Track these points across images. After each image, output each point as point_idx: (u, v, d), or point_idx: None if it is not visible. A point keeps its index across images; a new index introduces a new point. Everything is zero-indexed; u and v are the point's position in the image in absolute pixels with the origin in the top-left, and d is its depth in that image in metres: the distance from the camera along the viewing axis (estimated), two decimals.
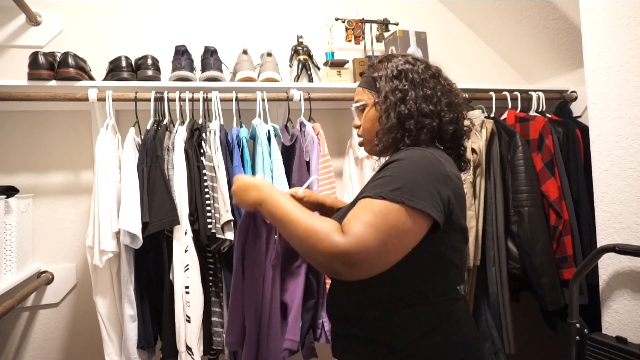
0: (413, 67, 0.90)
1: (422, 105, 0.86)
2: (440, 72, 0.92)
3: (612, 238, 1.19)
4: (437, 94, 0.87)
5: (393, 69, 0.90)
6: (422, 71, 0.89)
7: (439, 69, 0.93)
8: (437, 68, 0.93)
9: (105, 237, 1.22)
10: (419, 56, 0.96)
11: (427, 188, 0.75)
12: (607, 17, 1.20)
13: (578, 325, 1.21)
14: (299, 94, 1.58)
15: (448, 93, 0.89)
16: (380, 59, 0.96)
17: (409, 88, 0.87)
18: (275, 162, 1.38)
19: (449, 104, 0.88)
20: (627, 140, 1.16)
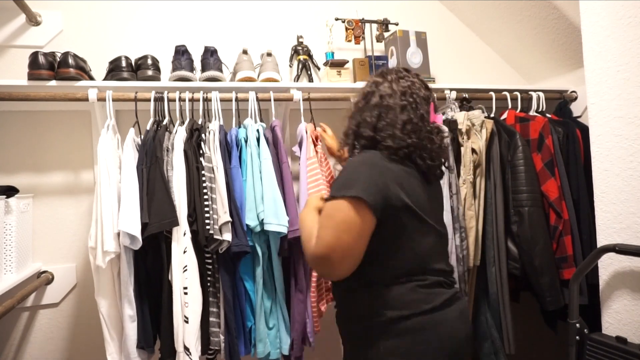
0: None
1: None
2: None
3: (612, 238, 1.19)
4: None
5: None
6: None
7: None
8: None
9: (108, 238, 1.22)
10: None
11: (363, 179, 0.90)
12: (607, 17, 1.20)
13: (578, 325, 1.21)
14: (299, 94, 1.59)
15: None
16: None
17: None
18: (264, 162, 1.38)
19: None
20: (627, 140, 1.16)
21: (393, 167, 0.95)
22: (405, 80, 1.04)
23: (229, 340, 1.34)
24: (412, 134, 0.99)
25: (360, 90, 1.10)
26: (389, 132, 0.99)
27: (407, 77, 1.06)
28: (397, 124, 0.99)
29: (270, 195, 1.34)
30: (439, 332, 0.93)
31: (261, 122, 1.52)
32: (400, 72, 1.07)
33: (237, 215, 1.32)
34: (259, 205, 1.34)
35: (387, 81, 1.05)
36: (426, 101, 1.04)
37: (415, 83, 1.05)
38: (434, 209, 1.03)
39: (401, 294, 0.93)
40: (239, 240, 1.30)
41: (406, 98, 1.02)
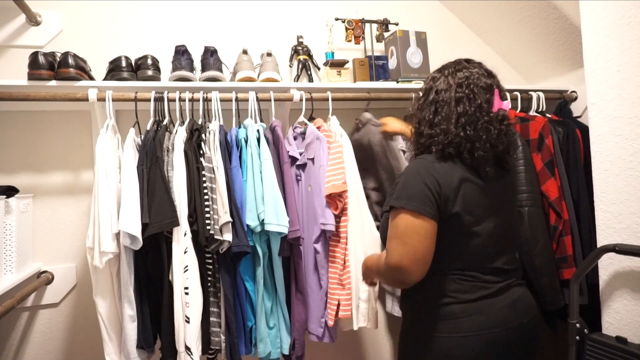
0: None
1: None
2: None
3: (612, 238, 1.19)
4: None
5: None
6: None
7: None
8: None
9: (105, 238, 1.22)
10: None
11: (418, 190, 0.97)
12: (607, 17, 1.20)
13: (578, 325, 1.21)
14: (299, 94, 1.59)
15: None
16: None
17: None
18: (264, 163, 1.38)
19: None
20: (627, 140, 1.16)
21: (443, 173, 0.99)
22: (463, 72, 1.05)
23: (230, 340, 1.34)
24: (467, 126, 1.00)
25: (422, 88, 1.14)
26: (444, 127, 1.02)
27: (466, 68, 1.06)
28: (452, 118, 1.01)
29: (270, 195, 1.34)
30: (478, 320, 0.98)
31: (261, 122, 1.52)
32: (459, 64, 1.08)
33: (237, 215, 1.32)
34: (259, 205, 1.34)
35: (444, 75, 1.07)
36: (487, 90, 1.03)
37: (474, 73, 1.04)
38: (492, 206, 1.03)
39: (447, 285, 1.01)
40: (239, 240, 1.30)
41: (462, 90, 1.02)
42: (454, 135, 1.01)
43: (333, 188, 1.38)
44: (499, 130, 1.02)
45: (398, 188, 1.01)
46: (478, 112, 1.01)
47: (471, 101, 1.01)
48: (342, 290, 1.43)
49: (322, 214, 1.41)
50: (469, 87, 1.02)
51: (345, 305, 1.42)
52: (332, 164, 1.43)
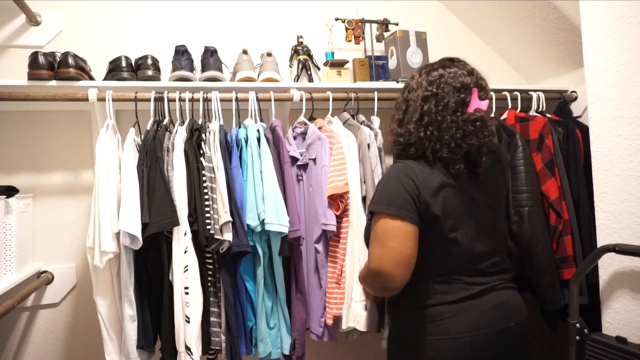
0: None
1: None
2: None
3: (612, 238, 1.19)
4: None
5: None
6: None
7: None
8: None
9: (105, 238, 1.22)
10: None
11: (396, 195, 0.96)
12: (607, 17, 1.20)
13: (578, 325, 1.21)
14: (299, 94, 1.59)
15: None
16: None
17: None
18: (264, 162, 1.38)
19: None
20: (627, 140, 1.16)
21: (422, 177, 0.98)
22: (438, 71, 1.03)
23: (230, 340, 1.34)
24: (429, 126, 0.99)
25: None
26: (409, 127, 1.02)
27: (446, 67, 1.04)
28: (414, 117, 1.01)
29: (270, 195, 1.34)
30: (462, 321, 0.97)
31: (261, 122, 1.52)
32: (441, 62, 1.06)
33: (237, 215, 1.32)
34: (259, 205, 1.34)
35: (420, 74, 1.06)
36: (462, 89, 1.00)
37: (451, 72, 1.01)
38: (473, 209, 1.02)
39: (430, 288, 1.01)
40: (239, 240, 1.30)
41: (431, 89, 1.01)
42: (414, 136, 1.00)
43: (335, 189, 1.38)
44: (465, 131, 0.98)
45: (377, 193, 1.01)
46: (444, 111, 0.99)
47: (438, 100, 1.00)
48: (338, 290, 1.43)
49: (324, 215, 1.41)
50: (439, 86, 1.00)
51: (339, 304, 1.42)
52: (334, 164, 1.43)
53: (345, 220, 1.44)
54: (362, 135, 1.52)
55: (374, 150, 1.53)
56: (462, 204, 1.00)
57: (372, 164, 1.50)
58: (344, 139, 1.51)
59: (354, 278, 1.42)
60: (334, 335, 1.45)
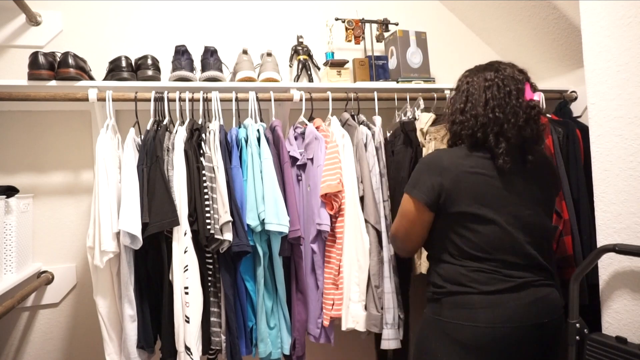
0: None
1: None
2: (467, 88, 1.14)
3: (612, 238, 1.19)
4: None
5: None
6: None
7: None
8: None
9: (105, 237, 1.22)
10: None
11: (422, 180, 1.08)
12: (607, 17, 1.20)
13: (578, 325, 1.21)
14: (299, 94, 1.59)
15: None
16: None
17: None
18: (264, 162, 1.38)
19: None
20: (627, 140, 1.16)
21: (453, 166, 1.06)
22: (492, 68, 1.12)
23: (230, 340, 1.34)
24: (496, 108, 1.06)
25: (454, 87, 1.21)
26: (474, 112, 1.08)
27: (497, 67, 1.12)
28: (481, 102, 1.08)
29: (270, 195, 1.34)
30: (494, 313, 1.00)
31: (261, 122, 1.52)
32: (491, 64, 1.14)
33: (237, 215, 1.32)
34: (259, 205, 1.34)
35: (474, 73, 1.15)
36: (517, 81, 1.09)
37: (504, 69, 1.11)
38: (510, 200, 1.05)
39: (461, 273, 1.06)
40: (239, 240, 1.30)
41: (492, 79, 1.09)
42: (482, 117, 1.06)
43: (328, 188, 1.38)
44: (527, 115, 1.05)
45: (411, 176, 1.14)
46: (507, 98, 1.06)
47: (500, 88, 1.07)
48: (336, 290, 1.43)
49: (318, 214, 1.41)
50: (499, 77, 1.09)
51: (338, 305, 1.42)
52: (328, 163, 1.43)
53: (340, 220, 1.44)
54: (358, 135, 1.52)
55: (371, 149, 1.52)
56: (496, 193, 1.05)
57: (370, 164, 1.50)
58: (339, 138, 1.51)
59: (352, 278, 1.41)
60: (331, 337, 1.45)
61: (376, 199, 1.47)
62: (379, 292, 1.43)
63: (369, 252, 1.42)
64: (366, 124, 1.61)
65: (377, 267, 1.43)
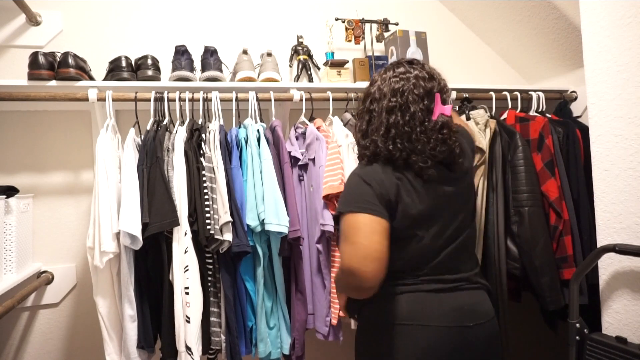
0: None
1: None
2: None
3: (612, 238, 1.19)
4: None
5: None
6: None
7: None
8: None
9: (105, 238, 1.22)
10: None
11: (359, 195, 0.97)
12: (607, 17, 1.20)
13: (578, 325, 1.21)
14: (299, 94, 1.59)
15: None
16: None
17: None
18: (264, 162, 1.38)
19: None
20: (627, 140, 1.16)
21: (385, 176, 0.98)
22: (399, 77, 1.01)
23: (230, 340, 1.34)
24: (397, 139, 0.98)
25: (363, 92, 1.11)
26: (374, 138, 1.01)
27: (406, 72, 1.01)
28: (381, 130, 1.00)
29: (270, 195, 1.34)
30: (422, 312, 0.98)
31: (261, 122, 1.52)
32: (400, 66, 1.04)
33: (237, 215, 1.32)
34: (259, 205, 1.34)
35: (381, 80, 1.04)
36: (426, 96, 0.99)
37: (412, 78, 1.00)
38: (436, 209, 1.01)
39: (394, 286, 1.01)
40: (239, 240, 1.30)
41: (396, 99, 0.99)
42: (382, 149, 0.99)
43: (330, 189, 1.38)
44: (435, 140, 0.98)
45: (341, 196, 1.03)
46: (412, 122, 0.97)
47: (404, 112, 0.98)
48: None
49: (322, 215, 1.41)
50: (403, 95, 0.98)
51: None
52: (329, 164, 1.43)
53: None
54: None
55: None
56: (423, 203, 0.99)
57: None
58: (343, 138, 1.51)
59: None
60: (339, 335, 1.46)
61: None
62: None
63: None
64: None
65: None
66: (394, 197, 0.97)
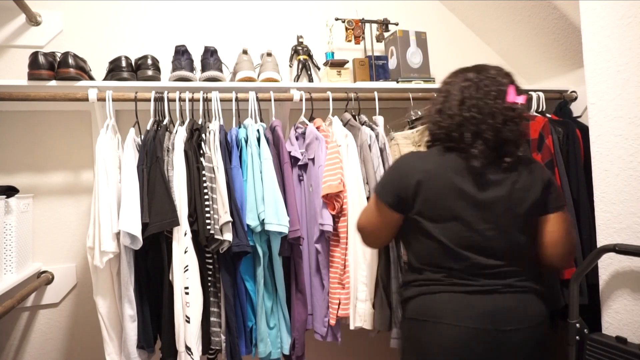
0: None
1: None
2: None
3: (612, 238, 1.19)
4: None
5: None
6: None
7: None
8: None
9: (105, 238, 1.22)
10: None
11: (389, 182, 1.11)
12: (607, 17, 1.20)
13: (578, 325, 1.21)
14: (299, 94, 1.58)
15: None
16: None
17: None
18: (264, 162, 1.38)
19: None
20: (627, 140, 1.16)
21: (423, 168, 1.05)
22: (475, 69, 1.08)
23: (230, 340, 1.34)
24: (472, 108, 1.02)
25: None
26: (450, 112, 1.06)
27: (480, 69, 1.08)
28: (456, 101, 1.05)
29: (270, 195, 1.34)
30: (454, 313, 1.01)
31: (261, 122, 1.52)
32: (475, 66, 1.10)
33: (237, 215, 1.32)
34: (259, 205, 1.34)
35: (454, 75, 1.12)
36: (499, 83, 1.04)
37: (490, 71, 1.07)
38: (479, 206, 1.01)
39: (416, 278, 1.09)
40: (239, 240, 1.30)
41: (471, 80, 1.06)
42: (458, 116, 1.03)
43: (329, 188, 1.38)
44: (505, 117, 1.01)
45: (382, 176, 1.18)
46: (485, 98, 1.02)
47: (479, 88, 1.04)
48: (342, 290, 1.43)
49: (320, 215, 1.41)
50: (480, 77, 1.05)
51: (345, 304, 1.42)
52: (328, 164, 1.43)
53: (342, 220, 1.44)
54: (362, 137, 1.52)
55: (375, 151, 1.52)
56: (459, 197, 1.01)
57: (374, 165, 1.50)
58: (342, 138, 1.51)
59: (359, 278, 1.42)
60: (338, 336, 1.46)
61: None
62: (387, 291, 1.43)
63: (377, 251, 1.43)
64: (369, 124, 1.61)
65: (385, 267, 1.44)
66: (413, 189, 1.04)
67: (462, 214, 1.01)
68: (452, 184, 1.02)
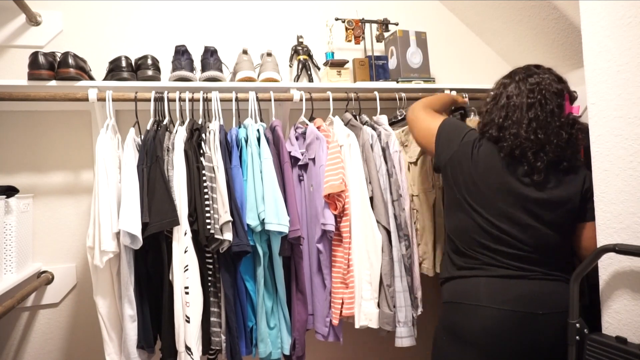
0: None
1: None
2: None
3: (612, 238, 1.19)
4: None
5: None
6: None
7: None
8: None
9: (105, 237, 1.22)
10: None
11: (451, 139, 1.21)
12: (607, 17, 1.20)
13: (578, 325, 1.21)
14: (299, 94, 1.59)
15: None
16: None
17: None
18: (264, 162, 1.38)
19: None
20: (627, 140, 1.16)
21: (474, 147, 1.14)
22: (534, 78, 1.11)
23: (230, 340, 1.34)
24: (538, 130, 1.07)
25: (489, 93, 1.23)
26: (514, 131, 1.09)
27: (537, 74, 1.11)
28: (523, 123, 1.08)
29: (270, 194, 1.34)
30: (486, 294, 1.08)
31: (261, 122, 1.52)
32: (529, 69, 1.13)
33: (237, 214, 1.32)
34: (259, 204, 1.34)
35: (515, 81, 1.13)
36: (558, 95, 1.10)
37: (545, 79, 1.11)
38: (510, 203, 1.10)
39: (460, 260, 1.17)
40: (239, 239, 1.30)
41: (534, 96, 1.08)
42: (523, 139, 1.06)
43: (331, 188, 1.38)
44: (569, 135, 1.08)
45: (451, 127, 1.25)
46: (549, 118, 1.07)
47: (543, 107, 1.07)
48: (346, 289, 1.43)
49: (322, 214, 1.41)
50: (541, 92, 1.08)
51: (349, 304, 1.42)
52: (330, 163, 1.43)
53: (345, 220, 1.44)
54: (364, 136, 1.52)
55: (377, 150, 1.53)
56: (508, 192, 1.10)
57: (377, 165, 1.50)
58: (344, 138, 1.51)
59: (363, 277, 1.42)
60: (339, 336, 1.46)
61: (385, 199, 1.47)
62: (391, 291, 1.43)
63: (381, 250, 1.43)
64: (370, 124, 1.61)
65: (388, 266, 1.44)
66: (459, 165, 1.14)
67: (505, 205, 1.09)
68: (503, 179, 1.10)
